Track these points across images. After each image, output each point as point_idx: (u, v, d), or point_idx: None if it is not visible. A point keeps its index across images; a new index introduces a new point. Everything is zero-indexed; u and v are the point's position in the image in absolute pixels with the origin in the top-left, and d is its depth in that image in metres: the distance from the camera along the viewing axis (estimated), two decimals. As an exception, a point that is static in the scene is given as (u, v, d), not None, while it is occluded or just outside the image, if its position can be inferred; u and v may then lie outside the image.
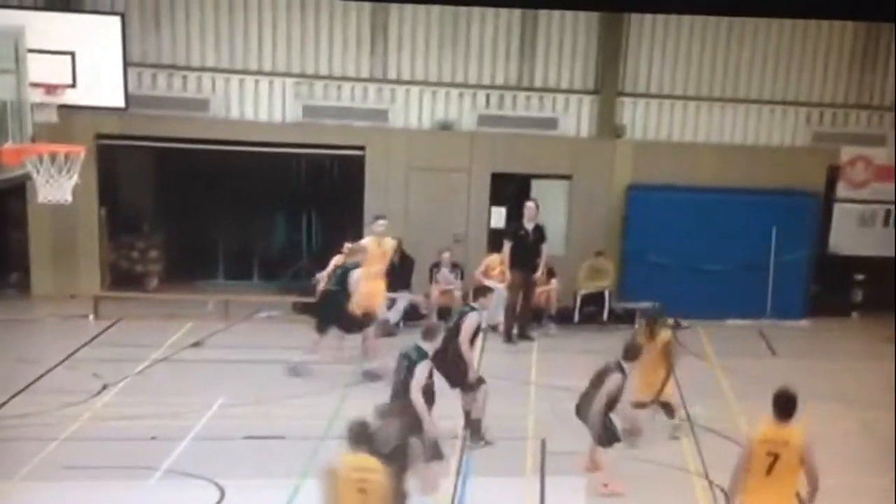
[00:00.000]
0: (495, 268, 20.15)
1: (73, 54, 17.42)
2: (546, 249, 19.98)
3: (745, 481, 9.88)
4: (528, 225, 19.90)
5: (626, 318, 20.82)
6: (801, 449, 9.86)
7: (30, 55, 14.88)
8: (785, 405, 9.87)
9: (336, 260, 18.18)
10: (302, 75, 21.23)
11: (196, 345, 18.31)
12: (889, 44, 22.04)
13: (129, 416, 14.73)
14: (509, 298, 19.68)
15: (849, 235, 22.33)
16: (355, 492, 9.02)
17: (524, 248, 19.75)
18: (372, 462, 9.25)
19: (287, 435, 14.12)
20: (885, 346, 19.04)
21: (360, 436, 9.29)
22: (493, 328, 19.71)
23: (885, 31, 21.94)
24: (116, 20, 18.78)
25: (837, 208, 22.35)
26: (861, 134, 22.42)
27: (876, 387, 16.85)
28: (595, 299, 21.17)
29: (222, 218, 21.64)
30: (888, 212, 22.39)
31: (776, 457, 9.74)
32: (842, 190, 22.30)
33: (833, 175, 22.29)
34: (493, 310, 18.07)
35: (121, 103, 18.75)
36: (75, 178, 14.69)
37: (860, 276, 22.50)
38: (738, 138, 22.15)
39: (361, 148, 21.41)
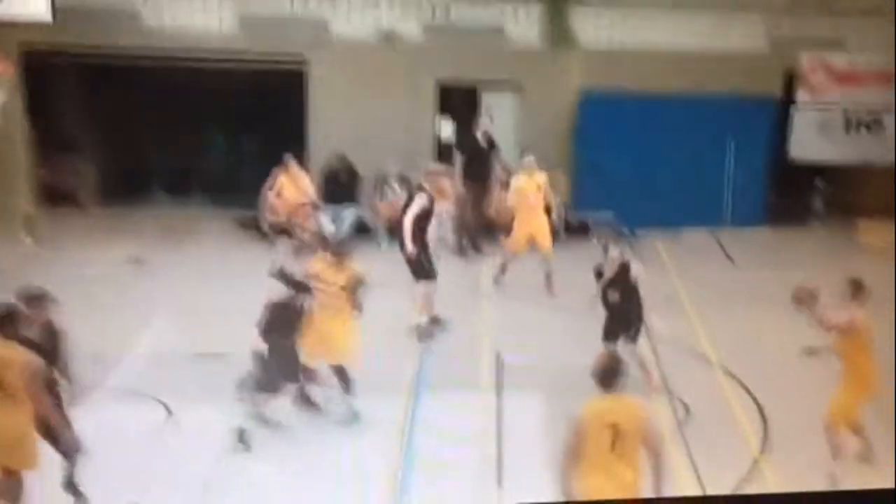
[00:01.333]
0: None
1: None
2: (498, 161, 20.04)
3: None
4: (479, 135, 19.98)
5: (581, 230, 20.40)
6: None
7: None
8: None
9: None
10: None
11: (137, 262, 18.04)
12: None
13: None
14: (460, 210, 19.60)
15: (809, 142, 22.21)
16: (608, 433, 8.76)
17: (476, 159, 19.83)
18: (626, 401, 9.01)
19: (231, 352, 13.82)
20: (847, 257, 18.96)
21: (615, 377, 8.96)
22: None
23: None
24: (40, -80, 18.32)
25: (797, 115, 22.23)
26: (820, 37, 22.18)
27: (835, 293, 16.76)
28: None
29: (158, 134, 21.37)
30: (848, 118, 22.28)
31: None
32: (801, 96, 22.16)
33: (791, 81, 22.24)
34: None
35: (47, 16, 18.32)
36: (2, 94, 14.62)
37: (820, 183, 22.55)
38: (692, 44, 21.86)
39: (303, 61, 21.38)
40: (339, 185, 20.66)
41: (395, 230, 19.19)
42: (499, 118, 21.72)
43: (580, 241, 20.00)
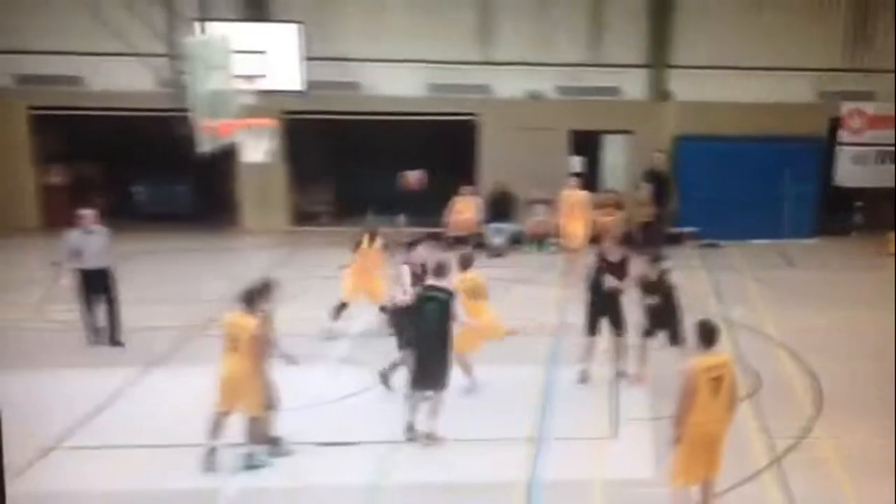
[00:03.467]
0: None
1: (264, 53, 17.37)
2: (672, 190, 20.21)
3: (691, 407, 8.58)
4: (658, 169, 20.18)
5: (675, 240, 20.74)
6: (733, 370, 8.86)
7: (234, 55, 15.01)
8: (712, 335, 8.81)
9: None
10: (428, 61, 21.40)
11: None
12: (875, 17, 21.61)
13: (303, 318, 14.30)
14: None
15: (848, 172, 22.01)
16: (711, 385, 8.57)
17: (659, 186, 20.10)
18: (724, 357, 8.99)
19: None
20: (876, 259, 18.89)
21: (713, 336, 8.79)
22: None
23: (871, 9, 21.59)
24: (295, 27, 19.18)
25: (839, 151, 22.03)
26: (855, 91, 21.97)
27: (870, 290, 16.80)
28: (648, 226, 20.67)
29: (373, 171, 21.56)
30: (878, 152, 22.03)
31: (719, 379, 8.66)
32: (842, 137, 21.98)
33: (834, 125, 22.01)
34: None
35: (300, 87, 19.12)
36: (270, 143, 15.09)
37: (858, 203, 22.33)
38: (759, 97, 21.72)
39: (474, 115, 21.60)
40: (500, 207, 20.84)
41: (539, 240, 19.90)
42: (615, 156, 21.92)
43: (674, 248, 20.47)
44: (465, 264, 12.09)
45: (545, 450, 10.60)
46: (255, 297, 9.97)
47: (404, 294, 11.94)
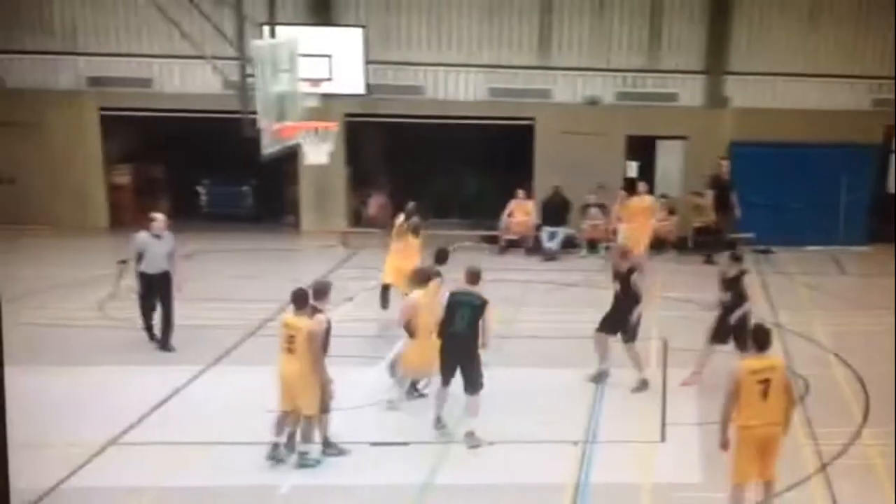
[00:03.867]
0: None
1: (329, 56, 17.95)
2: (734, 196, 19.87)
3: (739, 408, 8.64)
4: (724, 176, 20.00)
5: (730, 245, 20.55)
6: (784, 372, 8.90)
7: (301, 58, 15.19)
8: (764, 338, 8.84)
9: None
10: (489, 66, 21.45)
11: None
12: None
13: (363, 318, 14.72)
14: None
15: (902, 179, 21.66)
16: (758, 388, 8.57)
17: (722, 193, 19.94)
18: (774, 361, 8.95)
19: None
20: None
21: (766, 339, 8.81)
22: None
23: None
24: (360, 31, 19.51)
25: (893, 158, 21.78)
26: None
27: None
28: (705, 231, 20.72)
29: (432, 173, 21.69)
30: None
31: (767, 382, 8.61)
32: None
33: (888, 132, 21.71)
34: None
35: (362, 91, 19.52)
36: (331, 146, 15.25)
37: None
38: (815, 104, 21.56)
39: (532, 119, 21.58)
40: (555, 210, 20.67)
41: (593, 244, 19.87)
42: (670, 162, 21.78)
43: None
44: (472, 279, 11.14)
45: (593, 452, 10.68)
46: (311, 297, 10.08)
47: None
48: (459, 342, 10.70)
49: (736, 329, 12.10)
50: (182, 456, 10.42)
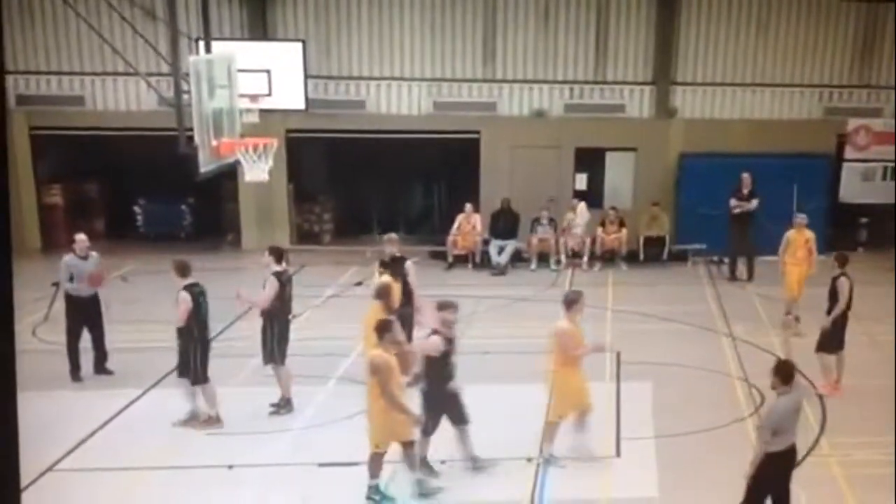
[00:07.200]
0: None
1: (268, 72, 17.62)
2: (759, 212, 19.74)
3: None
4: (745, 191, 19.86)
5: (680, 257, 20.95)
6: None
7: (239, 74, 14.93)
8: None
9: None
10: (432, 79, 21.49)
11: (359, 284, 17.91)
12: (883, 34, 21.65)
13: (311, 337, 14.70)
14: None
15: (855, 188, 22.10)
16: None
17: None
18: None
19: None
20: (886, 275, 18.76)
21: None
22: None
23: (879, 26, 21.61)
24: (299, 45, 19.45)
25: (845, 167, 22.12)
26: (862, 108, 22.09)
27: (878, 306, 16.68)
28: (655, 242, 21.09)
29: (376, 188, 21.79)
30: (885, 168, 22.12)
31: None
32: (848, 153, 22.07)
33: (841, 141, 22.08)
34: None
35: (303, 106, 19.47)
36: (270, 162, 14.89)
37: (864, 220, 22.30)
38: (766, 114, 21.92)
39: (477, 132, 21.62)
40: (504, 224, 20.66)
41: (542, 257, 19.96)
42: (619, 173, 21.95)
43: (680, 265, 20.76)
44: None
45: (548, 469, 10.71)
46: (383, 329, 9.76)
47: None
48: (440, 379, 10.54)
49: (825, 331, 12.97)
50: (122, 482, 10.39)
